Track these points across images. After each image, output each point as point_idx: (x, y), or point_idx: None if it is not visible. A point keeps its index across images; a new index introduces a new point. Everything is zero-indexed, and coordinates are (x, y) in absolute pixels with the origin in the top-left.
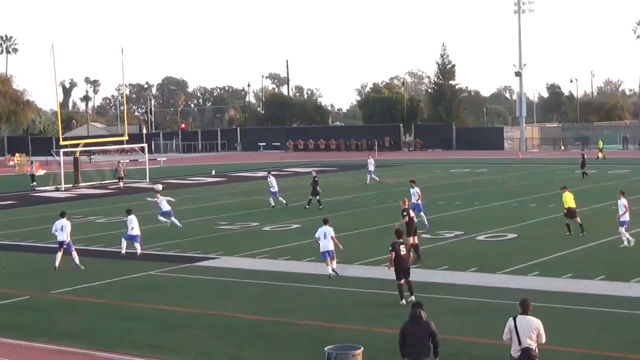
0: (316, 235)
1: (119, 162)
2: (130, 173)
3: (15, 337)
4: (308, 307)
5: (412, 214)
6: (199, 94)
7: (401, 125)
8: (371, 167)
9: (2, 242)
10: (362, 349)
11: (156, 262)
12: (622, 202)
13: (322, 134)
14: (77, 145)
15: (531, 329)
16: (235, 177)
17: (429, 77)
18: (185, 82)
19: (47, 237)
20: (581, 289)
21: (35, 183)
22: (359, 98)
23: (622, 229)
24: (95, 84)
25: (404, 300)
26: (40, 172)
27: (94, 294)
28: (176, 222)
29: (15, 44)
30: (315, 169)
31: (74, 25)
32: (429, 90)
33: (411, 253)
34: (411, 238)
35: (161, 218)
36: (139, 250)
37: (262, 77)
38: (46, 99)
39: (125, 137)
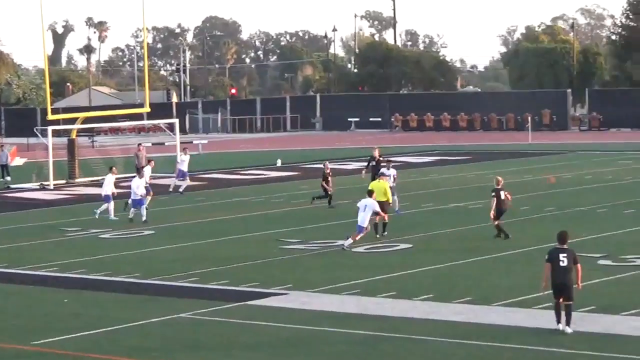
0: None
1: (139, 145)
2: (154, 163)
3: None
4: None
5: None
6: (257, 42)
7: (568, 91)
8: None
9: None
10: None
11: None
12: None
13: (446, 104)
14: (73, 121)
15: None
16: (312, 170)
17: (613, 16)
18: (237, 25)
19: (25, 262)
20: None
21: (9, 178)
22: (503, 49)
23: None
24: (101, 27)
25: None
26: (18, 162)
27: None
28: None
29: None
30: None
31: None
32: (614, 36)
33: None
34: None
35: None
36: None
37: (355, 17)
38: (28, 51)
39: (146, 109)
